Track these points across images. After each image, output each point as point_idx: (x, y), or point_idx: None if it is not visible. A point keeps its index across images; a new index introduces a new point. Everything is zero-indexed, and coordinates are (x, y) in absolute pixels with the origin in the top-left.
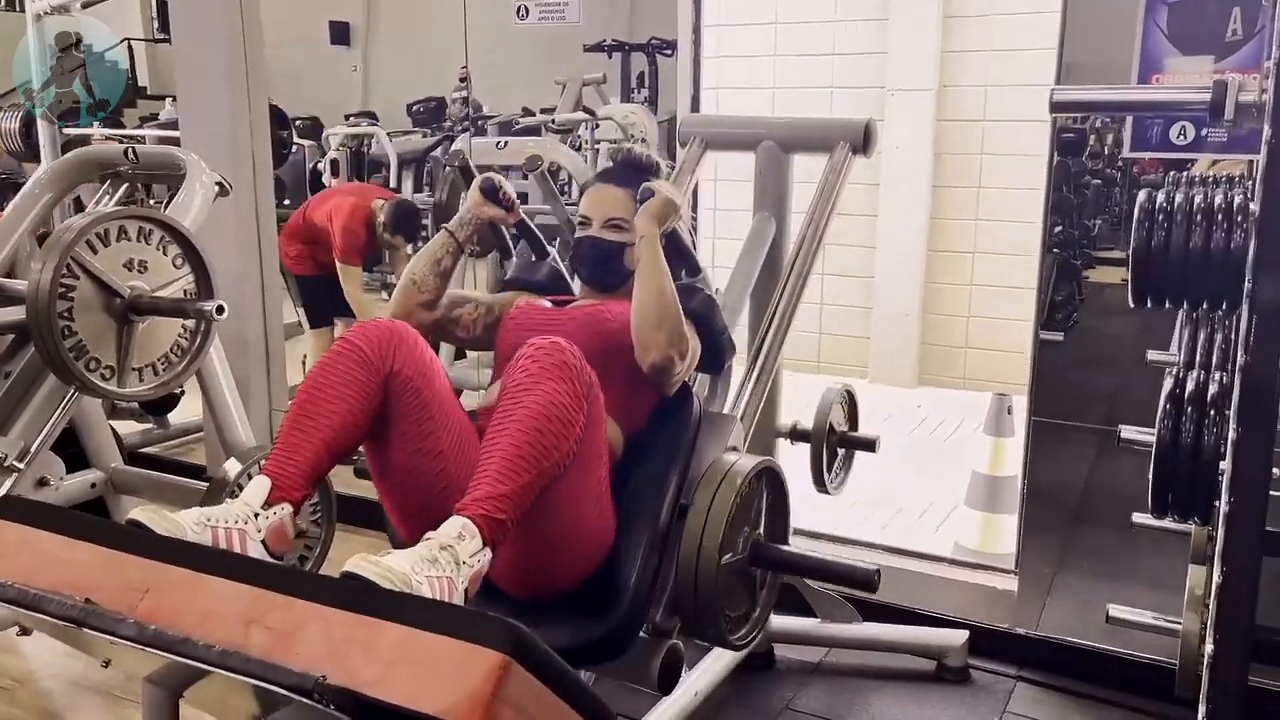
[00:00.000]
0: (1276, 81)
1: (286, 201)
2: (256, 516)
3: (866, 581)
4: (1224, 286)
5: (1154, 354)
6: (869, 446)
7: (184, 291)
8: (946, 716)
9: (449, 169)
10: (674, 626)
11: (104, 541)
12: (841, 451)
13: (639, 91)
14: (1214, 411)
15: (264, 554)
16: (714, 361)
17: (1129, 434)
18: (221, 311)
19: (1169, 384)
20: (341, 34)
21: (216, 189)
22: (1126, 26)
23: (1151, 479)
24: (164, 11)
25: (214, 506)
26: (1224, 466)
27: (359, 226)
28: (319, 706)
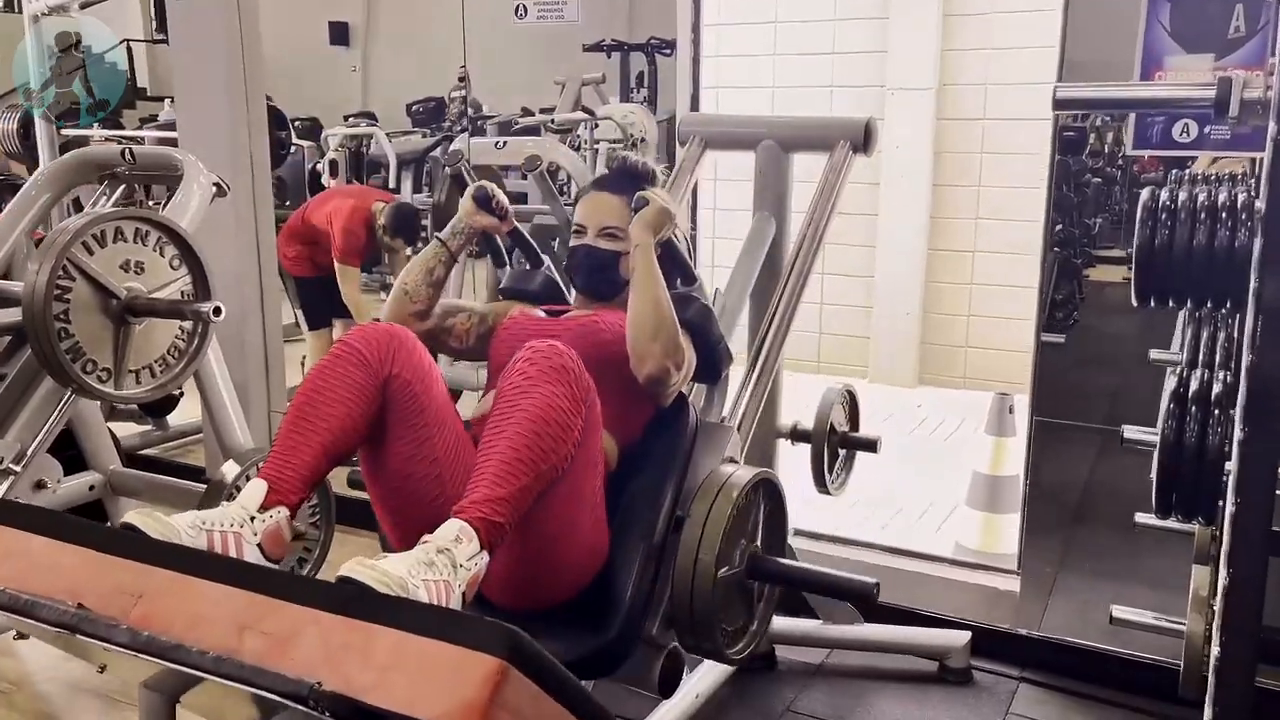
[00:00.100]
0: None
1: (288, 202)
2: (253, 520)
3: (865, 595)
4: (1229, 286)
5: (1157, 353)
6: (870, 447)
7: (181, 293)
8: (949, 718)
9: (448, 170)
10: (670, 640)
11: (97, 545)
12: (843, 452)
13: (638, 91)
14: (1218, 411)
15: (260, 558)
16: (710, 371)
17: (1132, 434)
18: (219, 313)
19: (1173, 383)
20: (341, 34)
21: (214, 190)
22: (1128, 24)
23: (1155, 479)
24: (162, 12)
25: (209, 510)
26: (1229, 467)
27: (359, 228)
28: (314, 713)
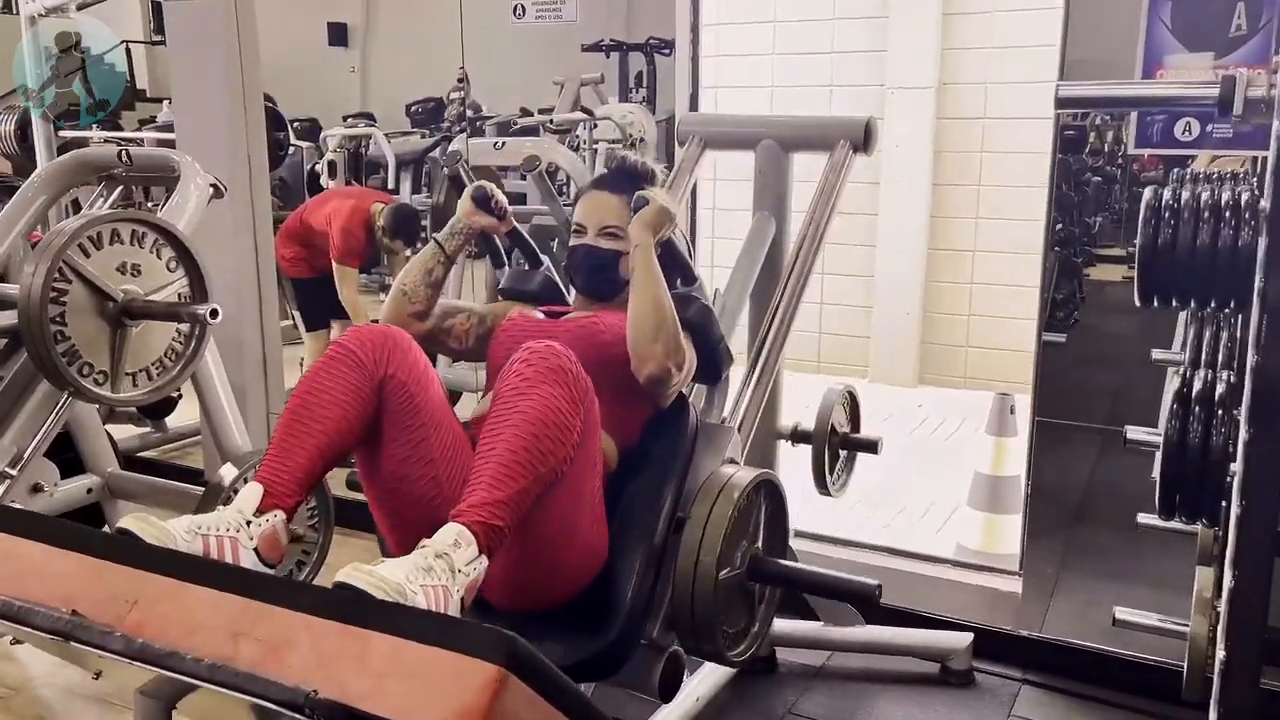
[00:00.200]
0: None
1: (290, 203)
2: (248, 524)
3: (867, 597)
4: (1233, 285)
5: (1159, 353)
6: (871, 448)
7: (178, 295)
8: None
9: (446, 170)
10: (671, 642)
11: (92, 551)
12: (843, 453)
13: (637, 91)
14: (1221, 411)
15: (256, 562)
16: (711, 372)
17: (1135, 434)
18: (216, 315)
19: (1176, 383)
20: (339, 35)
21: (211, 191)
22: (1129, 22)
23: (1159, 480)
24: (160, 14)
25: (205, 515)
26: (1234, 469)
27: (358, 229)
28: None
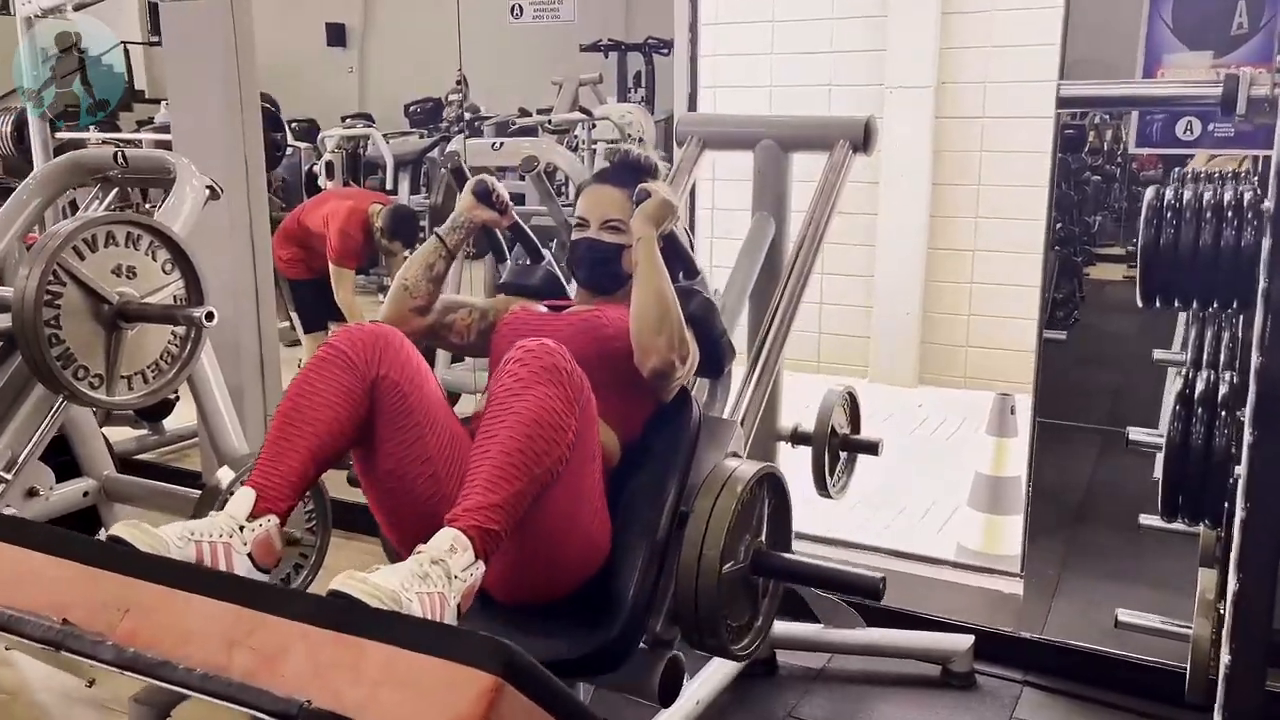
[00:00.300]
0: None
1: (290, 204)
2: (242, 529)
3: (873, 590)
4: (1236, 286)
5: (1160, 353)
6: (872, 450)
7: (174, 297)
8: None
9: (444, 170)
10: (674, 636)
11: (84, 558)
12: (844, 455)
13: (636, 91)
14: (1224, 412)
15: (251, 568)
16: (713, 366)
17: (1137, 435)
18: (211, 318)
19: (1178, 384)
20: (338, 35)
21: (207, 192)
22: (1130, 21)
23: (1162, 481)
24: (156, 14)
25: (198, 520)
26: (1238, 471)
27: (356, 230)
28: None
